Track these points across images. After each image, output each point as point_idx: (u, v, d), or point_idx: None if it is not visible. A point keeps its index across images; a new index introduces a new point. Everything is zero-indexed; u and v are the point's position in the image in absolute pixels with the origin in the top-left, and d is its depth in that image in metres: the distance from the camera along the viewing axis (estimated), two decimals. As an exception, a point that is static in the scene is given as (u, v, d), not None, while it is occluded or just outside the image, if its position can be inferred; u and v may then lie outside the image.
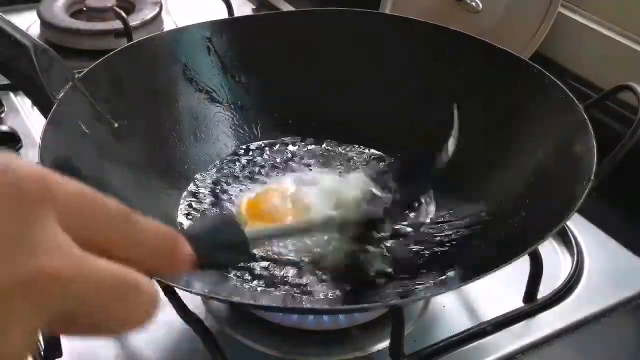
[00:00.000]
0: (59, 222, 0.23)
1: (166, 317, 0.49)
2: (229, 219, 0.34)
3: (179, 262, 0.27)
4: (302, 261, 0.53)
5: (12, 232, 0.21)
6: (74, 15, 0.94)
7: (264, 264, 0.53)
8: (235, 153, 0.65)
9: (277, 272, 0.52)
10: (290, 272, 0.52)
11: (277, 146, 0.66)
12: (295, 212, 0.56)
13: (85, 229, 0.24)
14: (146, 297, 0.24)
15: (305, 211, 0.56)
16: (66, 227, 0.23)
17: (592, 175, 0.47)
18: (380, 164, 0.64)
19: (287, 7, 0.98)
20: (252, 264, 0.52)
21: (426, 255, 0.55)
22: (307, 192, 0.59)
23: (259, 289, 0.51)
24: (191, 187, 0.61)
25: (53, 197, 0.23)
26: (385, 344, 0.50)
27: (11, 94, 0.79)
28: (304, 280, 0.52)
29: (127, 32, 0.82)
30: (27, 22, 0.94)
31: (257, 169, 0.64)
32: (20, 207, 0.22)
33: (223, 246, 0.32)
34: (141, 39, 0.67)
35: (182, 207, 0.59)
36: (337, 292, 0.51)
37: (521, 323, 0.53)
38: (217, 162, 0.64)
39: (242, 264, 0.34)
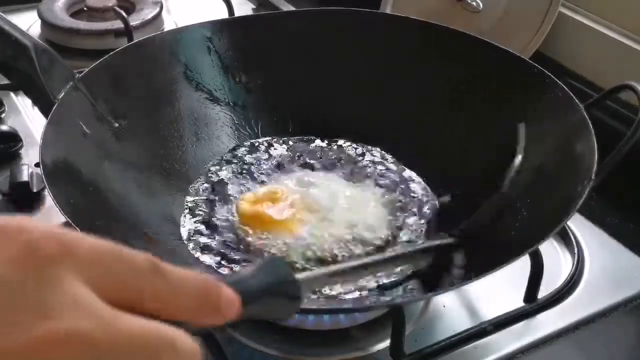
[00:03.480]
0: (82, 281, 0.22)
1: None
2: (278, 263, 0.31)
3: (224, 312, 0.26)
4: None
5: (27, 295, 0.21)
6: (75, 15, 0.94)
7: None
8: (235, 152, 0.65)
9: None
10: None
11: (278, 146, 0.66)
12: (300, 214, 0.56)
13: (111, 284, 0.23)
14: (184, 354, 0.23)
15: (311, 212, 0.56)
16: (91, 284, 0.22)
17: (592, 175, 0.47)
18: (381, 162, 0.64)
19: (287, 7, 0.98)
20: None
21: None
22: (310, 193, 0.59)
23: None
24: (192, 186, 0.61)
25: (72, 255, 0.22)
26: (385, 343, 0.50)
27: (12, 94, 0.79)
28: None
29: (127, 31, 0.82)
30: (28, 22, 0.94)
31: (258, 168, 0.63)
32: (36, 270, 0.21)
33: (272, 293, 0.29)
34: (141, 38, 0.67)
35: (184, 207, 0.59)
36: (338, 292, 0.51)
37: (521, 323, 0.53)
38: (218, 161, 0.64)
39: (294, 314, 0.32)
